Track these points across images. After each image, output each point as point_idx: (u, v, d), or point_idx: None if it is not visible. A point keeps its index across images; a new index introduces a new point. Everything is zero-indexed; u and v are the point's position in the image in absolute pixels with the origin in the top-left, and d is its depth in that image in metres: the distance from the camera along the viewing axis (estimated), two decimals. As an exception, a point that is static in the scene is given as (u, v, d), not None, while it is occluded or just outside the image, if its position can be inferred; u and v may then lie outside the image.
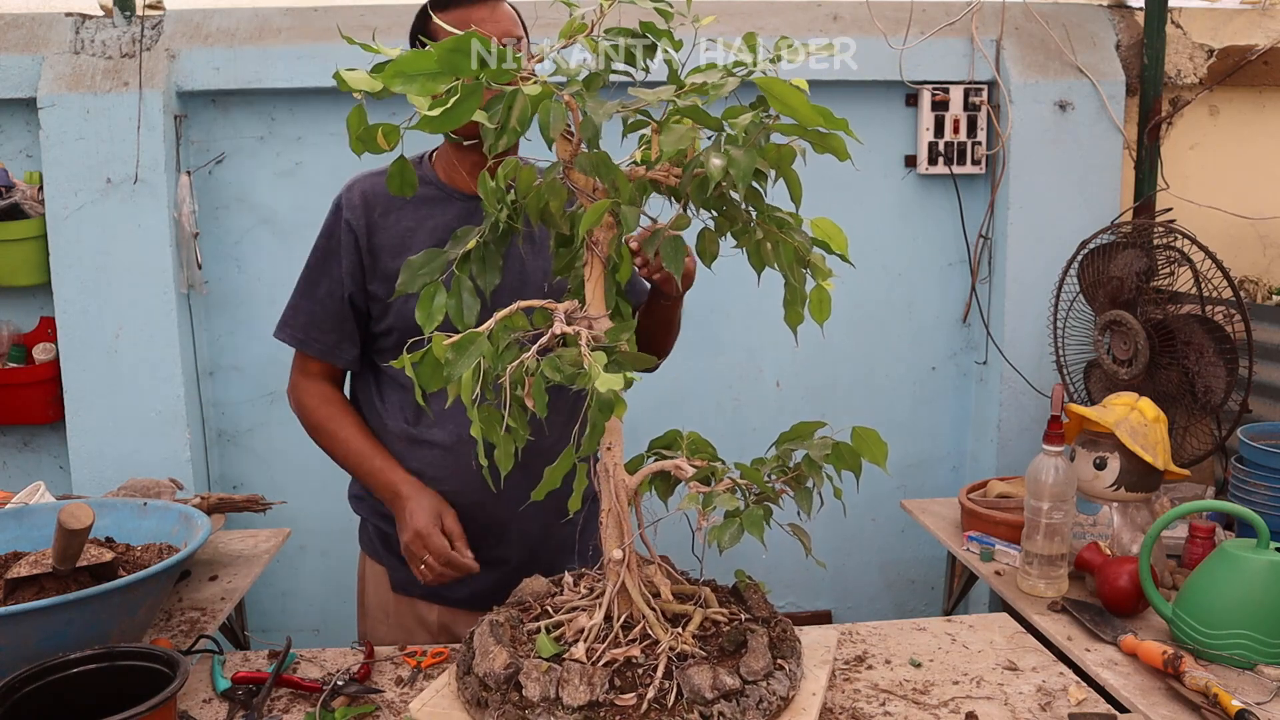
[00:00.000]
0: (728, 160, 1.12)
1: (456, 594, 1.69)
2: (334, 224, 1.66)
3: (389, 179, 1.30)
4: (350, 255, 1.64)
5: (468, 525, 1.62)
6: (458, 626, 1.73)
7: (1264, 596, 1.49)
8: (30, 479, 2.75)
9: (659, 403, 2.95)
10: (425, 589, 1.68)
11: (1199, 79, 2.92)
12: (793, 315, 1.29)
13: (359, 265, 1.64)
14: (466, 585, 1.66)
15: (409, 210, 1.64)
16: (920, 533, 2.74)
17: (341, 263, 1.64)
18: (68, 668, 1.22)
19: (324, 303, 1.66)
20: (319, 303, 1.66)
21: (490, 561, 1.65)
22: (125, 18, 2.72)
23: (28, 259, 2.67)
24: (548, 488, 1.33)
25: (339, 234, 1.65)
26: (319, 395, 1.70)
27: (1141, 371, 2.27)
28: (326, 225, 1.67)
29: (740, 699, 1.21)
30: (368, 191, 1.65)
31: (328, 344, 1.68)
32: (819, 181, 1.75)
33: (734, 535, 1.20)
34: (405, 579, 1.72)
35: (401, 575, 1.72)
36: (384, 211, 1.64)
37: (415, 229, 1.64)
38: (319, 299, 1.66)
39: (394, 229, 1.64)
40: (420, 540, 1.56)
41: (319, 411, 1.69)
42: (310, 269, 1.68)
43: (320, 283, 1.66)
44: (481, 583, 1.66)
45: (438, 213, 1.64)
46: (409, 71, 1.07)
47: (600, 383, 1.09)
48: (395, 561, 1.72)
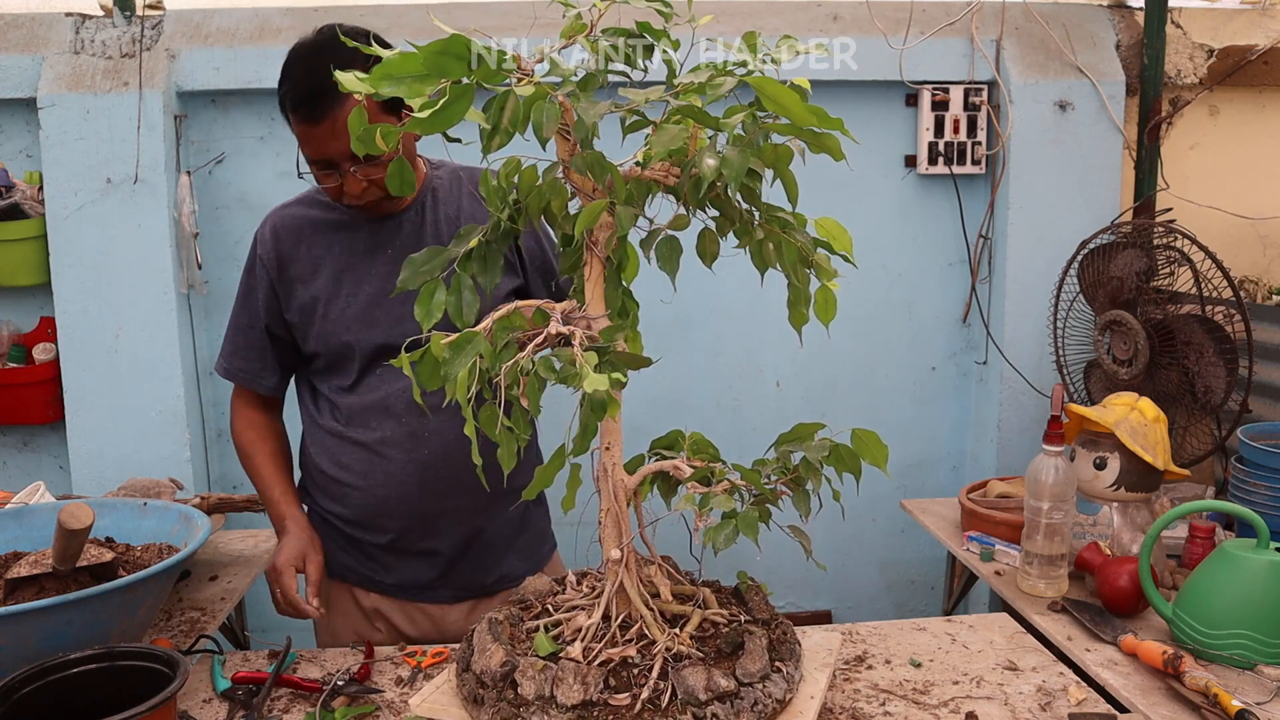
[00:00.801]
0: (720, 160, 1.12)
1: (387, 580, 1.79)
2: (251, 260, 1.76)
3: (389, 179, 1.30)
4: (265, 289, 1.73)
5: (398, 519, 1.72)
6: (393, 615, 1.80)
7: (1264, 596, 1.49)
8: (30, 479, 2.75)
9: (659, 403, 2.95)
10: (359, 575, 1.80)
11: (1199, 79, 2.92)
12: (797, 316, 1.29)
13: (274, 296, 1.73)
14: (397, 573, 1.77)
15: (319, 238, 1.72)
16: (920, 533, 2.74)
17: (259, 297, 1.74)
18: (68, 668, 1.22)
19: (246, 334, 1.77)
20: (242, 333, 1.78)
21: (422, 552, 1.76)
22: (125, 18, 2.72)
23: (28, 259, 2.67)
24: (539, 488, 1.33)
25: (256, 269, 1.74)
26: (245, 420, 1.81)
27: (1141, 371, 2.27)
28: (247, 261, 1.77)
29: (735, 701, 1.21)
30: (278, 225, 1.74)
31: (251, 372, 1.78)
32: (819, 182, 1.75)
33: (729, 537, 1.20)
34: (341, 564, 1.80)
35: (337, 560, 1.79)
36: (294, 243, 1.72)
37: (324, 255, 1.71)
38: (242, 330, 1.78)
39: (305, 259, 1.71)
40: (275, 575, 1.65)
41: (242, 436, 1.81)
42: (236, 304, 1.79)
43: (243, 317, 1.77)
44: (413, 572, 1.77)
45: (345, 237, 1.71)
46: (396, 74, 1.07)
47: (588, 383, 1.09)
48: (334, 549, 1.78)
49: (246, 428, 1.81)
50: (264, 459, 1.78)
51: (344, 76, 1.09)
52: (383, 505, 1.72)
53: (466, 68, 1.10)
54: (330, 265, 1.70)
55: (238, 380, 1.80)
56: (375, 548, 1.77)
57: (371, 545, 1.77)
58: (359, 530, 1.76)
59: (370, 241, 1.69)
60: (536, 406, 1.19)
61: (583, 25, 1.23)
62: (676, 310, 2.74)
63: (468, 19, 2.65)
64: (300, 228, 1.72)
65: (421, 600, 1.79)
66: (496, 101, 1.14)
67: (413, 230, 1.70)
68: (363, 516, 1.74)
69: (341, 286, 1.68)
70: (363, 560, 1.79)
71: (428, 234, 1.70)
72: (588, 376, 1.10)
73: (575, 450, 1.26)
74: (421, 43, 1.08)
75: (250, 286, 1.75)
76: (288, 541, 1.68)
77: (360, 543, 1.77)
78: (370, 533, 1.75)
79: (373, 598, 1.80)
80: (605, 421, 1.27)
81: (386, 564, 1.77)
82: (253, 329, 1.76)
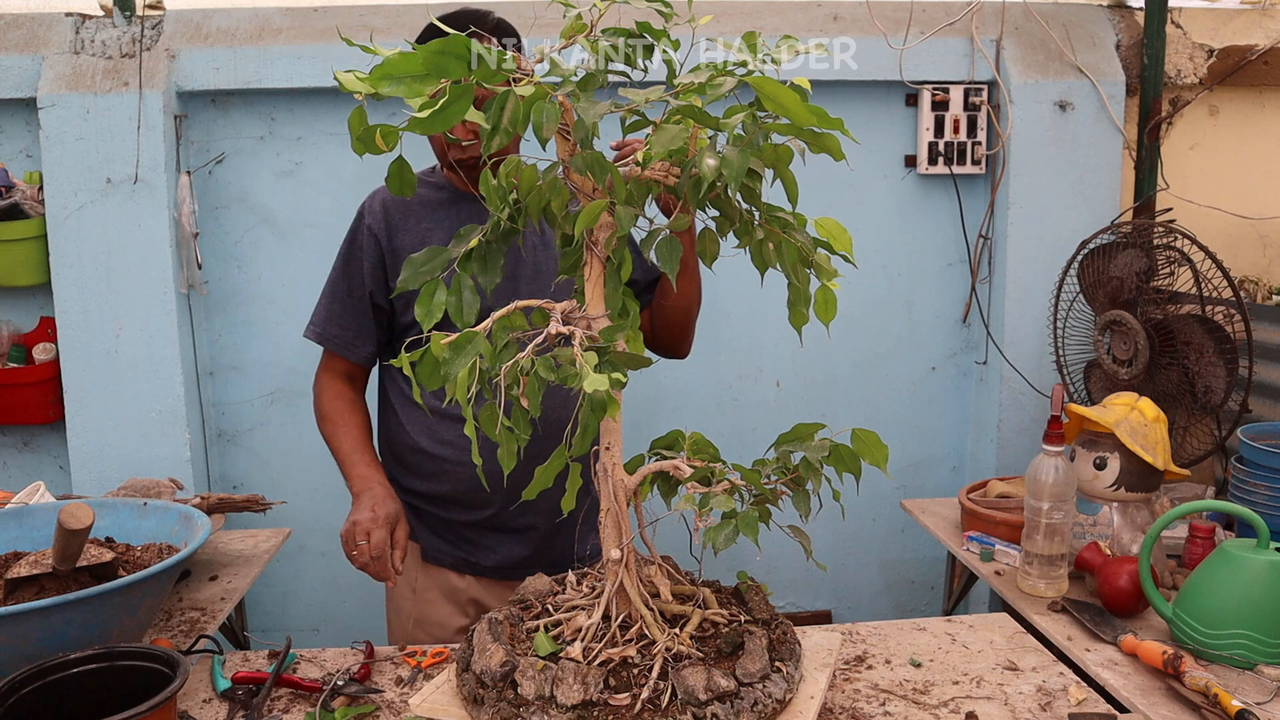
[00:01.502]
0: (721, 160, 1.12)
1: (486, 561, 1.81)
2: (356, 230, 1.81)
3: (389, 179, 1.30)
4: (372, 257, 1.78)
5: (494, 497, 1.74)
6: (488, 598, 1.82)
7: (1264, 596, 1.49)
8: (30, 479, 2.76)
9: (659, 403, 2.95)
10: (455, 559, 1.81)
11: (1199, 79, 2.92)
12: (797, 316, 1.29)
13: (381, 265, 1.78)
14: (496, 553, 1.80)
15: (426, 214, 1.80)
16: (920, 533, 2.74)
17: (364, 265, 1.78)
18: (68, 668, 1.22)
19: (345, 302, 1.80)
20: (340, 302, 1.81)
21: (519, 529, 1.79)
22: (125, 18, 2.72)
23: (28, 259, 2.67)
24: (539, 488, 1.34)
25: (361, 239, 1.79)
26: (334, 391, 1.83)
27: (1141, 371, 2.27)
28: (350, 232, 1.82)
29: (735, 701, 1.21)
30: (387, 199, 1.81)
31: (345, 339, 1.81)
32: (819, 182, 1.76)
33: (729, 537, 1.20)
34: (435, 548, 1.82)
35: (432, 545, 1.81)
36: (403, 215, 1.79)
37: (433, 229, 1.78)
38: (340, 298, 1.81)
39: (414, 230, 1.78)
40: (366, 528, 1.59)
41: (330, 405, 1.82)
42: (335, 272, 1.83)
43: (342, 284, 1.81)
44: (511, 550, 1.80)
45: (451, 213, 1.79)
46: (396, 73, 1.08)
47: (588, 383, 1.09)
48: (426, 533, 1.81)
49: (335, 398, 1.81)
50: (350, 428, 1.78)
51: (345, 76, 1.09)
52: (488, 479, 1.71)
53: (466, 68, 1.10)
54: (439, 238, 1.74)
55: (331, 345, 1.81)
56: (471, 527, 1.79)
57: (467, 525, 1.79)
58: (456, 510, 1.79)
59: (478, 217, 1.72)
60: (537, 406, 1.19)
61: (583, 25, 1.23)
62: (676, 310, 2.74)
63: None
64: (408, 203, 1.78)
65: (517, 579, 1.76)
66: (497, 101, 1.14)
67: None
68: (462, 493, 1.76)
69: None
70: (457, 542, 1.81)
71: None
72: (588, 377, 1.10)
73: (575, 450, 1.26)
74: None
75: (352, 256, 1.79)
76: (379, 502, 1.64)
77: (454, 524, 1.80)
78: (469, 510, 1.78)
79: (467, 580, 1.82)
80: (605, 421, 1.28)
81: (483, 544, 1.80)
82: (352, 296, 1.79)
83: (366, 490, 1.68)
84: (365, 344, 1.81)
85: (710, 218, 1.28)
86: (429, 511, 1.82)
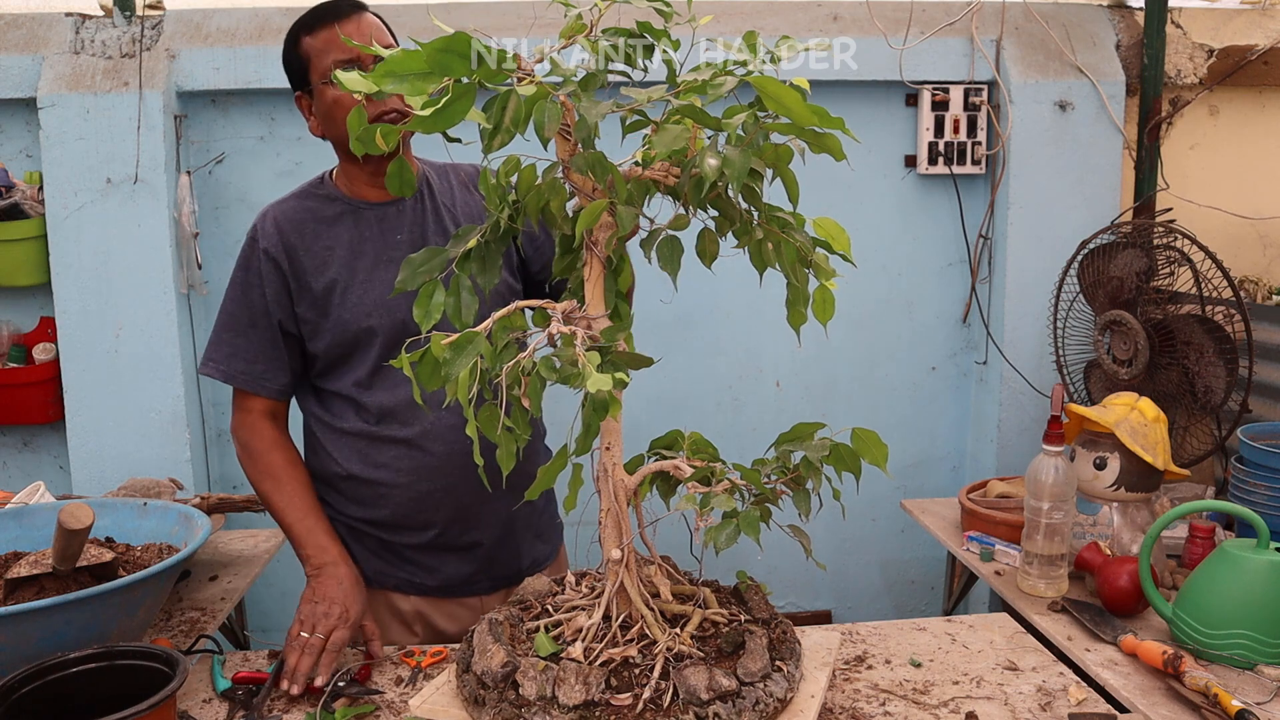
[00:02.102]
0: (723, 160, 1.12)
1: (430, 581, 1.72)
2: (249, 255, 1.67)
3: (388, 179, 1.30)
4: (274, 283, 1.65)
5: (443, 512, 1.67)
6: (434, 616, 1.75)
7: (1264, 596, 1.49)
8: (30, 479, 2.76)
9: (659, 403, 2.95)
10: (398, 580, 1.72)
11: (1199, 79, 2.92)
12: (795, 316, 1.29)
13: (285, 290, 1.65)
14: (440, 573, 1.71)
15: (323, 229, 1.67)
16: (920, 533, 2.74)
17: (265, 292, 1.65)
18: (67, 667, 1.22)
19: (248, 334, 1.66)
20: (243, 335, 1.67)
21: (463, 546, 1.71)
22: (125, 18, 2.72)
23: (28, 259, 2.67)
24: (542, 487, 1.33)
25: (257, 264, 1.66)
26: (266, 439, 1.68)
27: (1141, 371, 2.27)
28: (242, 258, 1.68)
29: (736, 700, 1.21)
30: (280, 218, 1.67)
31: (254, 374, 1.67)
32: (819, 181, 1.76)
33: (730, 536, 1.20)
34: (376, 570, 1.72)
35: (372, 567, 1.71)
36: (299, 234, 1.66)
37: (333, 245, 1.66)
38: (242, 330, 1.67)
39: (314, 248, 1.66)
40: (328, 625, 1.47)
41: (267, 458, 1.67)
42: (231, 303, 1.68)
43: (243, 315, 1.67)
44: (457, 568, 1.72)
45: (350, 225, 1.67)
46: (399, 72, 1.07)
47: (591, 383, 1.09)
48: (367, 555, 1.71)
49: (270, 449, 1.67)
50: (296, 486, 1.65)
51: (346, 76, 1.09)
52: (427, 500, 1.65)
53: (468, 66, 1.10)
54: (341, 253, 1.65)
55: (239, 383, 1.67)
56: (414, 548, 1.70)
57: (410, 547, 1.70)
58: (397, 533, 1.69)
59: (379, 227, 1.66)
60: (538, 407, 1.19)
61: (583, 25, 1.22)
62: (676, 310, 2.74)
63: (468, 19, 2.65)
64: (302, 219, 1.66)
65: (463, 595, 1.74)
66: (498, 101, 1.14)
67: (416, 217, 1.69)
68: (404, 516, 1.67)
69: (357, 273, 1.64)
70: (400, 564, 1.71)
71: (430, 220, 1.69)
72: (591, 376, 1.10)
73: (577, 450, 1.26)
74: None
75: (250, 283, 1.66)
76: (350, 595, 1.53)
77: (396, 546, 1.71)
78: (410, 533, 1.69)
79: (412, 600, 1.73)
80: (606, 421, 1.27)
81: (427, 565, 1.71)
82: (255, 327, 1.66)
83: (328, 568, 1.56)
84: (279, 375, 1.67)
85: (710, 218, 1.28)
86: (370, 534, 1.71)
